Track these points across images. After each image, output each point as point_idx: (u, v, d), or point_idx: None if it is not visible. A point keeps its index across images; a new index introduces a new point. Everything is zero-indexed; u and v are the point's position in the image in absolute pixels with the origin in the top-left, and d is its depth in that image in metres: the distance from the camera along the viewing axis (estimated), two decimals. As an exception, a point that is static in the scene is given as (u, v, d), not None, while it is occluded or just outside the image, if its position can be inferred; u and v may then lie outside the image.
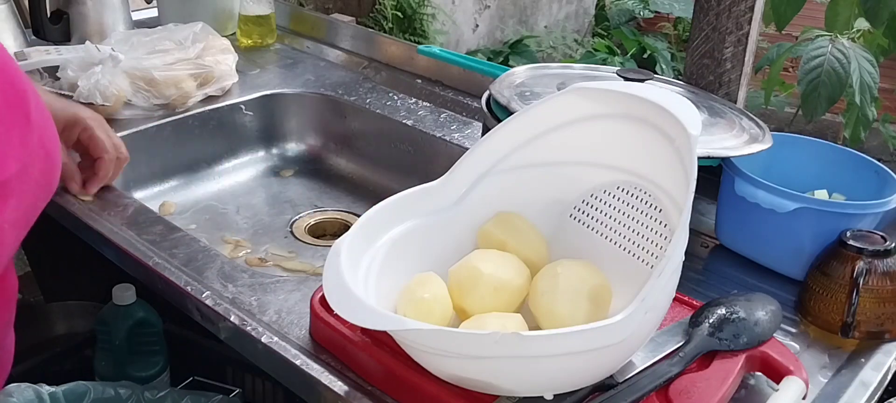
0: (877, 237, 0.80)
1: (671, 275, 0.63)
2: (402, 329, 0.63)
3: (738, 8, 1.04)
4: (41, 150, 0.70)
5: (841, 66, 1.91)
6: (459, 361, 0.62)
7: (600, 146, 0.76)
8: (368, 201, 0.94)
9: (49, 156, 0.72)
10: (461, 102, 1.32)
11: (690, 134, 0.66)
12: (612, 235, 0.76)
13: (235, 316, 0.78)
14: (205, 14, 1.43)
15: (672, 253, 0.61)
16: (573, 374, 0.63)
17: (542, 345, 0.59)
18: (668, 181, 0.72)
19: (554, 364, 0.61)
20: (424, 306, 0.67)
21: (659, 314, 0.66)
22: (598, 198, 0.78)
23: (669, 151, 0.70)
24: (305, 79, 1.38)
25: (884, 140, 2.78)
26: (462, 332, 0.64)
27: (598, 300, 0.68)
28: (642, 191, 0.74)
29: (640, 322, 0.60)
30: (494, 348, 0.58)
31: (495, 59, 3.16)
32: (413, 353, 0.66)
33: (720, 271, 0.91)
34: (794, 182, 0.88)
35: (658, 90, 0.73)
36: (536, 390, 0.64)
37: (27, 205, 0.70)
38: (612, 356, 0.64)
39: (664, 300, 0.65)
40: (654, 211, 0.73)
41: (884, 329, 0.78)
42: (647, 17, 3.92)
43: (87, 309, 1.21)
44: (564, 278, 0.68)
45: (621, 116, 0.74)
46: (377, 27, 2.89)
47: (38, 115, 0.71)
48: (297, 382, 0.74)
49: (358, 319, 0.61)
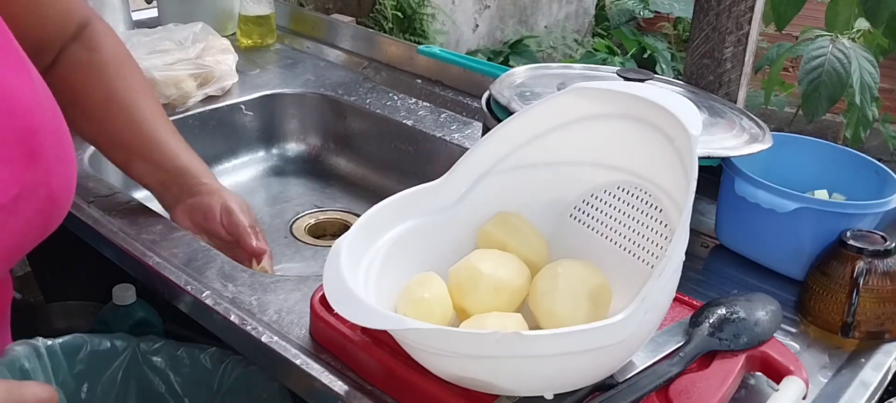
0: (877, 237, 0.80)
1: (671, 275, 0.62)
2: (402, 328, 0.63)
3: (738, 8, 1.04)
4: (42, 190, 0.70)
5: (842, 66, 1.91)
6: (459, 361, 0.62)
7: (600, 146, 0.76)
8: (368, 201, 0.94)
9: (53, 199, 0.72)
10: (461, 102, 1.32)
11: (691, 134, 0.66)
12: (612, 235, 0.76)
13: (235, 316, 0.78)
14: (205, 14, 1.43)
15: (672, 253, 0.61)
16: (573, 374, 0.63)
17: (542, 345, 0.59)
18: (668, 181, 0.71)
19: (554, 363, 0.61)
20: (424, 306, 0.67)
21: (659, 314, 0.66)
22: (599, 198, 0.77)
23: (670, 151, 0.69)
24: (305, 80, 1.38)
25: (884, 140, 2.78)
26: (462, 332, 0.64)
27: (599, 300, 0.68)
28: (642, 190, 0.74)
29: (640, 322, 0.60)
30: (495, 348, 0.58)
31: (495, 59, 3.16)
32: (413, 353, 0.66)
33: (720, 271, 0.91)
34: (794, 182, 0.88)
35: (658, 90, 0.73)
36: (536, 390, 0.63)
37: (13, 241, 0.70)
38: (612, 356, 0.64)
39: (664, 300, 0.65)
40: (654, 211, 0.73)
41: (884, 329, 0.78)
42: (647, 17, 3.93)
43: (87, 309, 1.21)
44: (564, 278, 0.68)
45: (621, 116, 0.73)
46: (377, 27, 2.89)
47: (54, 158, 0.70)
48: (298, 382, 0.74)
49: (358, 318, 0.61)
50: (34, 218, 0.70)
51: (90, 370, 0.83)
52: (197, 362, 0.86)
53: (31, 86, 0.71)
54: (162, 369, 0.86)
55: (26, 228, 0.70)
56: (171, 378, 0.86)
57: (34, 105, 0.70)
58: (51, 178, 0.71)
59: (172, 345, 0.87)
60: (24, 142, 0.68)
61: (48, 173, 0.70)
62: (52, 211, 0.73)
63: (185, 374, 0.86)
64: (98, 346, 0.84)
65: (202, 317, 0.81)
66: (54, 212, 0.74)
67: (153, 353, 0.86)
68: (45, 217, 0.72)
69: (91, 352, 0.83)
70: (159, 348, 0.86)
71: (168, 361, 0.86)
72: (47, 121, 0.71)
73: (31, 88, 0.71)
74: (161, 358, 0.86)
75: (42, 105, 0.72)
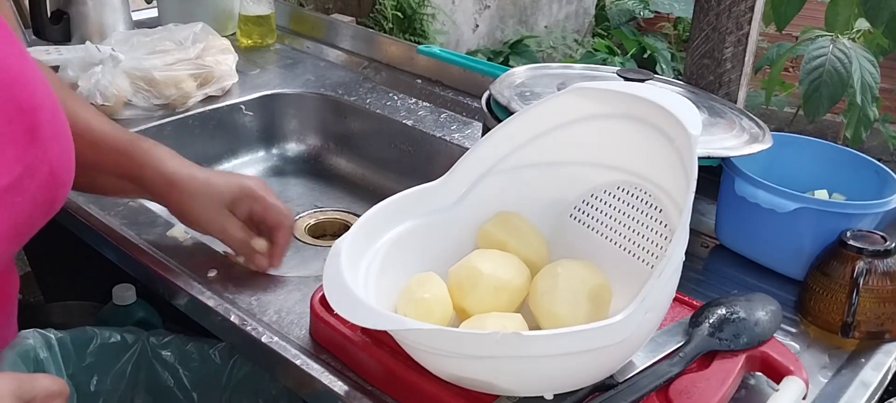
0: (877, 237, 0.80)
1: (671, 275, 0.63)
2: (402, 328, 0.63)
3: (738, 8, 1.04)
4: (45, 168, 0.69)
5: (842, 66, 1.91)
6: (459, 361, 0.62)
7: (600, 146, 0.76)
8: (368, 201, 0.93)
9: (54, 176, 0.71)
10: (461, 102, 1.32)
11: (691, 134, 0.66)
12: (612, 235, 0.76)
13: (235, 316, 0.78)
14: (205, 14, 1.43)
15: (672, 253, 0.61)
16: (573, 374, 0.63)
17: (542, 345, 0.59)
18: (668, 181, 0.71)
19: (554, 363, 0.61)
20: (424, 306, 0.67)
21: (659, 314, 0.66)
22: (598, 198, 0.78)
23: (669, 151, 0.69)
24: (305, 80, 1.38)
25: (884, 140, 2.78)
26: (463, 332, 0.64)
27: (598, 300, 0.68)
28: (642, 191, 0.74)
29: (640, 322, 0.60)
30: (495, 348, 0.58)
31: (495, 59, 3.16)
32: (413, 353, 0.66)
33: (720, 271, 0.91)
34: (794, 182, 0.88)
35: (658, 90, 0.73)
36: (536, 390, 0.63)
37: (20, 220, 0.70)
38: (612, 356, 0.64)
39: (664, 300, 0.65)
40: (654, 211, 0.73)
41: (884, 329, 0.78)
42: (647, 17, 3.92)
43: (87, 309, 1.21)
44: (564, 278, 0.68)
45: (621, 116, 0.73)
46: (377, 27, 2.89)
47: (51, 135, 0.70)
48: (298, 382, 0.74)
49: (358, 319, 0.61)
50: (39, 196, 0.70)
51: (100, 362, 0.84)
52: (206, 357, 0.86)
53: (29, 63, 0.70)
54: (171, 363, 0.87)
55: (33, 207, 0.70)
56: (180, 372, 0.87)
57: (33, 82, 0.70)
58: (51, 156, 0.70)
59: (181, 340, 0.87)
60: (25, 120, 0.67)
61: (47, 151, 0.70)
62: (56, 188, 0.72)
63: (194, 368, 0.87)
64: (108, 339, 0.84)
65: (202, 317, 0.81)
66: (58, 190, 0.73)
67: (162, 347, 0.86)
68: (49, 194, 0.71)
69: (101, 345, 0.83)
70: (168, 342, 0.86)
71: (177, 356, 0.87)
72: (46, 98, 0.71)
73: (30, 65, 0.71)
74: (170, 353, 0.87)
75: (40, 82, 0.71)
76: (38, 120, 0.69)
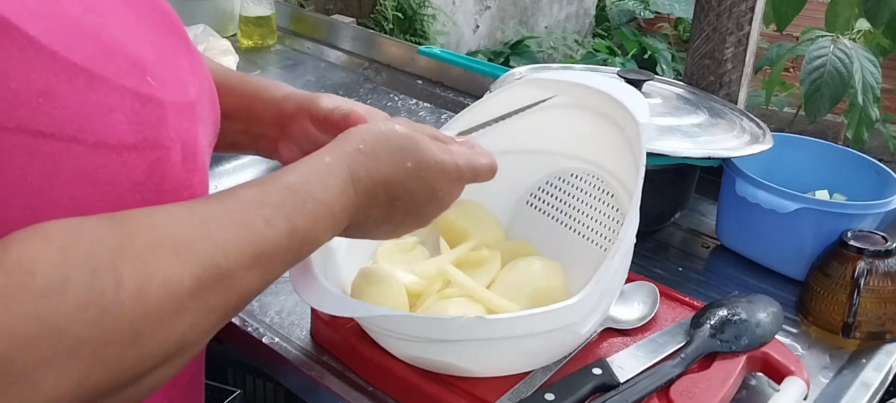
0: (878, 237, 0.80)
1: (624, 258, 0.66)
2: (369, 316, 0.65)
3: (738, 8, 1.04)
4: (206, 84, 0.63)
5: (843, 66, 1.91)
6: (422, 344, 0.64)
7: (554, 135, 0.79)
8: (369, 202, 0.93)
9: (213, 90, 0.65)
10: (462, 103, 1.32)
11: (639, 122, 0.69)
12: (567, 220, 0.80)
13: (236, 317, 0.78)
14: (205, 15, 1.43)
15: (624, 237, 0.64)
16: (532, 355, 0.66)
17: (504, 327, 0.61)
18: (619, 167, 0.75)
19: (513, 344, 0.63)
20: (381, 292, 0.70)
21: (613, 295, 0.69)
22: (554, 185, 0.81)
23: (620, 139, 0.73)
24: (306, 80, 1.38)
25: (884, 140, 2.78)
26: (429, 317, 0.66)
27: (546, 300, 0.70)
28: (595, 177, 0.78)
29: (595, 303, 0.64)
30: (459, 331, 0.60)
31: (496, 60, 3.16)
32: (377, 337, 0.68)
33: (721, 271, 0.91)
34: (794, 182, 0.88)
35: (608, 80, 0.76)
36: (498, 370, 0.66)
37: (210, 136, 0.63)
38: (566, 336, 0.66)
39: (618, 281, 0.69)
40: (606, 196, 0.77)
41: (885, 329, 0.78)
42: (648, 18, 3.93)
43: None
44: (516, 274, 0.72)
45: (574, 106, 0.77)
46: (378, 28, 2.89)
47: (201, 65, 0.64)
48: (298, 383, 0.74)
49: (325, 306, 0.61)
50: (212, 115, 0.64)
51: None
52: None
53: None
54: None
55: (212, 125, 0.63)
56: None
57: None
58: (207, 71, 0.65)
59: None
60: (181, 34, 0.64)
61: (205, 69, 0.64)
62: (216, 105, 0.65)
63: None
64: None
65: (203, 318, 0.81)
66: (217, 108, 0.65)
67: None
68: (214, 112, 0.64)
69: None
70: None
71: None
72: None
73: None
74: None
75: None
76: (186, 33, 0.66)
